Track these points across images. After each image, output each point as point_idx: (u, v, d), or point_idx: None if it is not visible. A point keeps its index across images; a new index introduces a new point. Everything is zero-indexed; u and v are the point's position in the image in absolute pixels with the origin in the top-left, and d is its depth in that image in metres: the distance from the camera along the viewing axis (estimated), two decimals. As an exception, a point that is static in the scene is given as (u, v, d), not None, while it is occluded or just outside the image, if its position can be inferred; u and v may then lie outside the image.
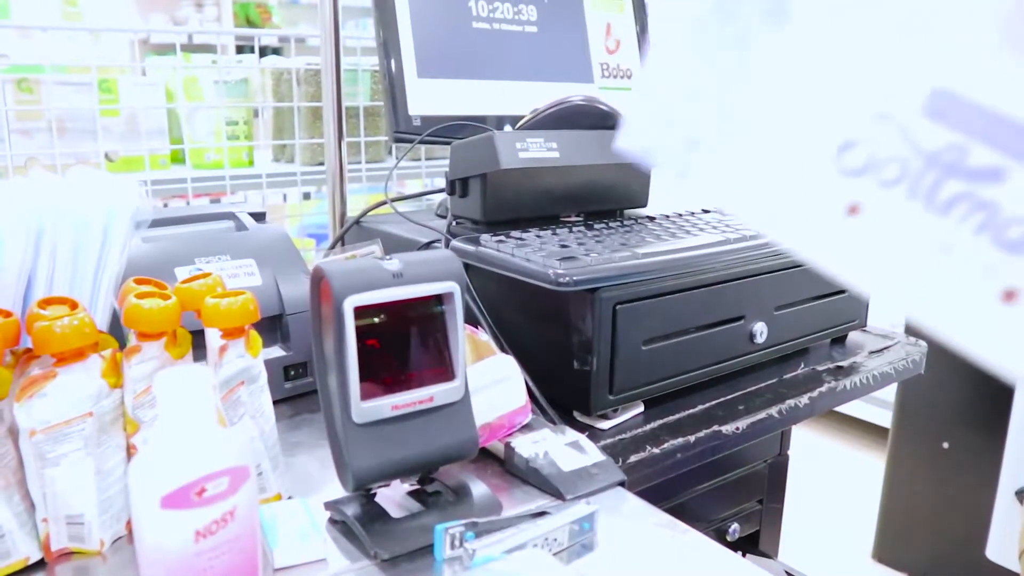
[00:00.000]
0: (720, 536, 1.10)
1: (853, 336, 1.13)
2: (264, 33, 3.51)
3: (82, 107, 1.20)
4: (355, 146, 1.49)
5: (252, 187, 1.37)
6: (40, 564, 0.56)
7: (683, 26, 0.31)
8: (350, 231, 1.16)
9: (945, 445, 2.09)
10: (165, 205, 1.39)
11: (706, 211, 1.11)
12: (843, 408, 2.87)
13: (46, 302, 0.58)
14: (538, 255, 0.79)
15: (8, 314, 0.57)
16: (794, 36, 0.28)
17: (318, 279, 0.55)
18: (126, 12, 3.37)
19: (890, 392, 2.24)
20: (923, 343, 1.13)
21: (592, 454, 0.68)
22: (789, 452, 1.17)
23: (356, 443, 0.56)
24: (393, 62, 1.06)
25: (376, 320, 0.56)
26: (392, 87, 1.06)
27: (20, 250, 0.61)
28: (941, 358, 1.03)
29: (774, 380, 0.96)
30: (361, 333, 0.55)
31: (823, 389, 0.95)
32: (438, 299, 0.59)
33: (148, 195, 1.26)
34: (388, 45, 1.06)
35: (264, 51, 1.38)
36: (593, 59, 1.29)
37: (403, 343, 0.58)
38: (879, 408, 2.67)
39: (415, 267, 0.58)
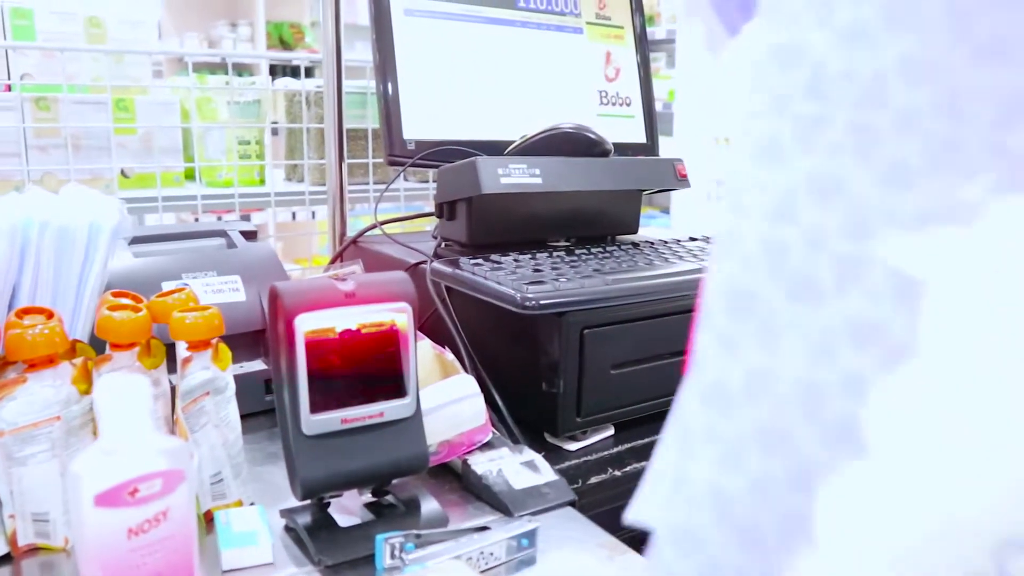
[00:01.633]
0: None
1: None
2: (272, 57, 3.59)
3: (98, 125, 1.26)
4: (364, 167, 1.53)
5: (261, 205, 1.42)
6: (7, 558, 0.59)
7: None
8: (348, 250, 1.19)
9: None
10: (196, 219, 1.43)
11: (693, 239, 1.13)
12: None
13: (24, 312, 0.61)
14: (509, 278, 0.82)
15: (-12, 322, 0.61)
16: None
17: (273, 297, 0.58)
18: (157, 31, 3.48)
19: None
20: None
21: (546, 474, 0.70)
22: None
23: (305, 454, 0.58)
24: (389, 85, 1.10)
25: (329, 337, 0.59)
26: (388, 111, 1.10)
27: (5, 261, 0.65)
28: None
29: (750, 407, 0.97)
30: (314, 349, 0.58)
31: (798, 418, 0.96)
32: (391, 319, 0.61)
33: (160, 211, 1.31)
34: (385, 68, 1.10)
35: (296, 71, 1.43)
36: (592, 87, 1.32)
37: (355, 360, 0.61)
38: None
39: (368, 287, 0.61)
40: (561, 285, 0.80)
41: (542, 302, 0.77)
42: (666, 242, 1.09)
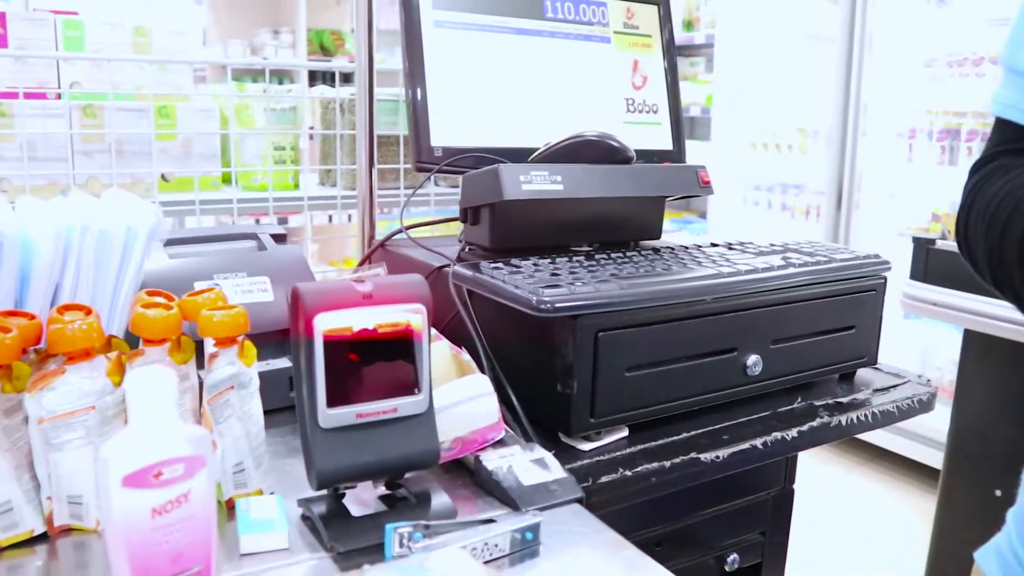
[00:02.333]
0: (719, 564, 1.12)
1: (864, 373, 1.14)
2: (309, 65, 3.66)
3: (140, 132, 1.31)
4: (396, 172, 1.56)
5: (295, 209, 1.46)
6: (43, 537, 0.63)
7: None
8: (377, 253, 1.23)
9: (998, 493, 2.04)
10: (233, 222, 1.48)
11: (714, 244, 1.14)
12: (896, 448, 2.81)
13: (65, 308, 0.65)
14: (527, 282, 0.84)
15: (32, 317, 0.65)
16: None
17: (294, 298, 0.62)
18: (201, 38, 3.58)
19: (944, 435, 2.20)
20: (933, 383, 1.13)
21: (555, 471, 0.73)
22: (794, 486, 1.18)
23: (321, 446, 0.61)
24: (418, 94, 1.13)
25: (346, 335, 0.62)
26: (416, 118, 1.13)
27: (49, 262, 0.70)
28: (995, 404, 1.02)
29: (767, 412, 0.98)
30: (331, 347, 0.61)
31: (815, 423, 0.97)
32: (406, 319, 0.64)
33: (197, 214, 1.36)
34: (414, 78, 1.13)
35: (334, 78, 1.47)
36: (619, 95, 1.34)
37: (372, 357, 0.64)
38: (933, 450, 2.61)
39: (385, 289, 0.64)
40: (576, 289, 0.82)
41: (557, 305, 0.80)
42: (687, 247, 1.10)
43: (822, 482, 2.64)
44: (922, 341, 2.98)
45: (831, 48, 3.08)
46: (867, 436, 2.89)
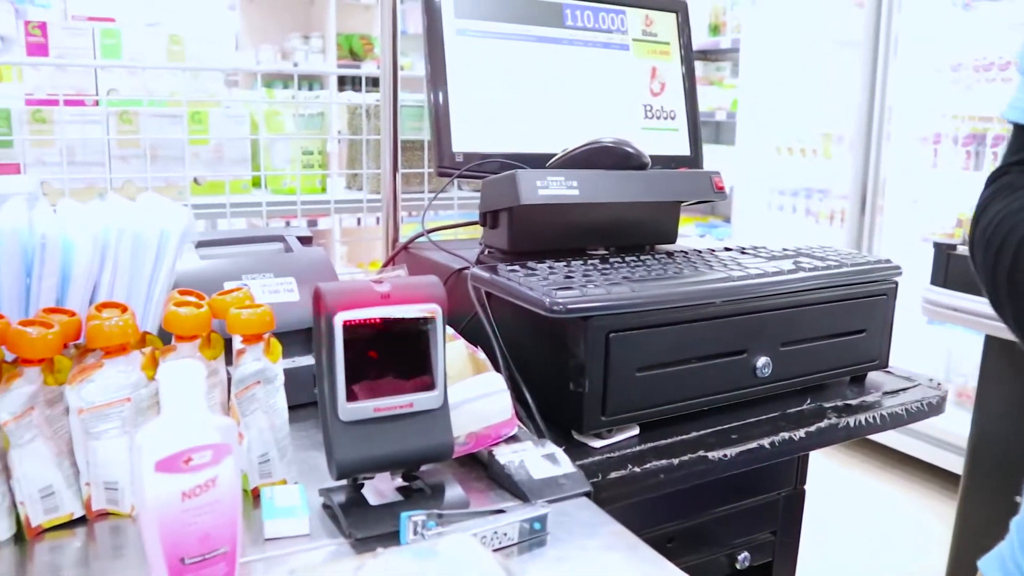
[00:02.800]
0: (730, 561, 1.14)
1: (874, 376, 1.16)
2: (334, 71, 3.72)
3: (174, 137, 1.36)
4: (421, 176, 1.60)
5: (322, 212, 1.50)
6: (82, 520, 0.67)
7: None
8: (400, 255, 1.27)
9: (1017, 499, 2.03)
10: (266, 223, 1.53)
11: (728, 249, 1.16)
12: (917, 453, 2.81)
13: (103, 306, 0.70)
14: (541, 284, 0.87)
15: (72, 314, 0.69)
16: None
17: (316, 297, 0.65)
18: (234, 43, 3.66)
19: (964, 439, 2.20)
20: (944, 387, 1.15)
21: (564, 466, 0.76)
22: (806, 487, 1.20)
23: (340, 438, 0.65)
24: (440, 101, 1.16)
25: (364, 333, 0.66)
26: (438, 124, 1.16)
27: (88, 262, 0.74)
28: (1017, 409, 1.03)
29: (776, 413, 1.00)
30: (352, 344, 0.65)
31: (823, 424, 0.99)
32: (423, 318, 0.68)
33: (228, 216, 1.41)
34: (436, 85, 1.16)
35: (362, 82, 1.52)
36: (637, 101, 1.37)
37: (389, 354, 0.67)
38: (954, 455, 2.60)
39: (402, 289, 0.67)
40: (588, 291, 0.85)
41: (569, 306, 0.83)
42: (700, 252, 1.13)
43: (841, 485, 2.65)
44: (946, 346, 2.97)
45: (856, 53, 3.08)
46: (888, 441, 2.88)
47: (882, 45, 2.97)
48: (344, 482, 0.69)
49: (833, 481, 2.63)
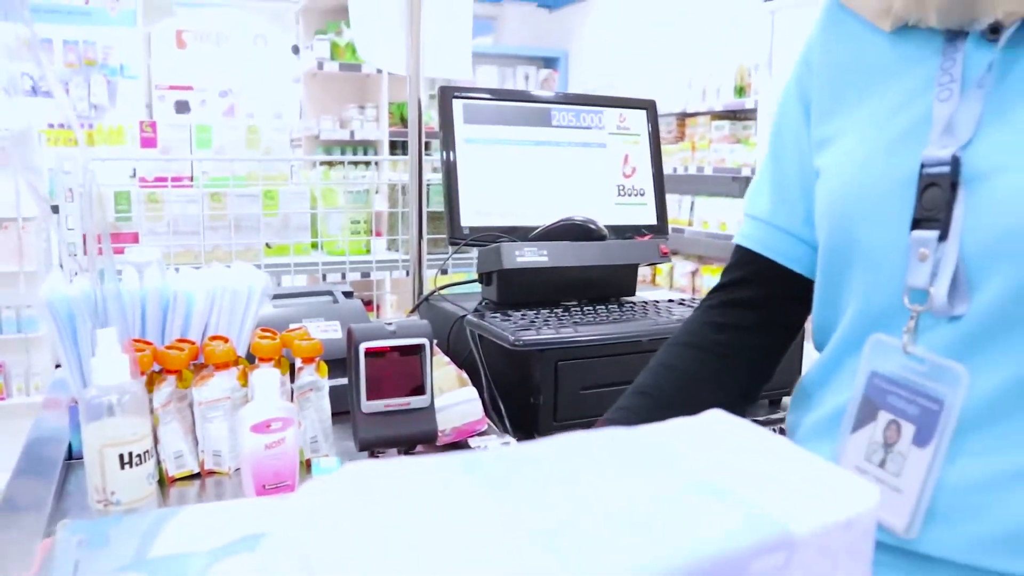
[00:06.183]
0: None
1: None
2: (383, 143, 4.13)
3: (252, 212, 1.77)
4: (444, 240, 1.97)
5: (366, 270, 1.89)
6: (197, 476, 1.04)
7: None
8: (424, 304, 1.64)
9: None
10: (324, 279, 1.92)
11: (670, 301, 1.50)
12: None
13: (213, 338, 1.07)
14: (511, 327, 1.23)
15: (193, 343, 1.07)
16: None
17: (348, 333, 1.02)
18: (297, 112, 4.15)
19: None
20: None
21: (516, 450, 1.10)
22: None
23: (362, 424, 1.01)
24: (452, 189, 1.54)
25: (379, 356, 1.02)
26: (451, 206, 1.54)
27: (203, 309, 1.12)
28: None
29: (696, 425, 1.33)
30: (370, 362, 1.01)
31: (730, 434, 1.31)
32: (417, 345, 1.04)
33: (292, 273, 1.80)
34: (449, 178, 1.54)
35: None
36: (612, 183, 1.72)
37: (395, 370, 1.03)
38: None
39: (405, 328, 1.04)
40: (543, 331, 1.21)
41: (526, 342, 1.18)
42: (647, 303, 1.47)
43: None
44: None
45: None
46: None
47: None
48: (365, 454, 1.05)
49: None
